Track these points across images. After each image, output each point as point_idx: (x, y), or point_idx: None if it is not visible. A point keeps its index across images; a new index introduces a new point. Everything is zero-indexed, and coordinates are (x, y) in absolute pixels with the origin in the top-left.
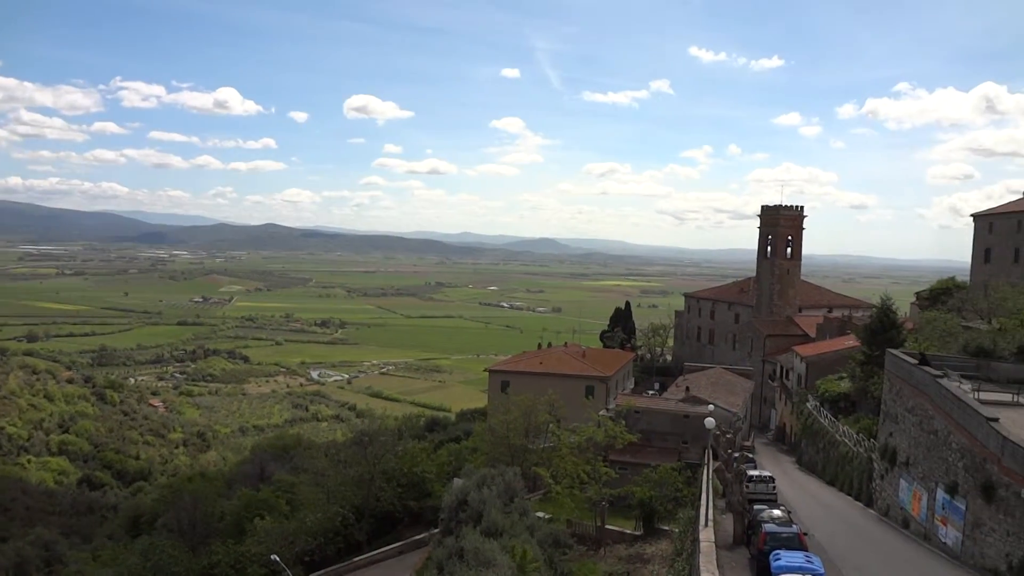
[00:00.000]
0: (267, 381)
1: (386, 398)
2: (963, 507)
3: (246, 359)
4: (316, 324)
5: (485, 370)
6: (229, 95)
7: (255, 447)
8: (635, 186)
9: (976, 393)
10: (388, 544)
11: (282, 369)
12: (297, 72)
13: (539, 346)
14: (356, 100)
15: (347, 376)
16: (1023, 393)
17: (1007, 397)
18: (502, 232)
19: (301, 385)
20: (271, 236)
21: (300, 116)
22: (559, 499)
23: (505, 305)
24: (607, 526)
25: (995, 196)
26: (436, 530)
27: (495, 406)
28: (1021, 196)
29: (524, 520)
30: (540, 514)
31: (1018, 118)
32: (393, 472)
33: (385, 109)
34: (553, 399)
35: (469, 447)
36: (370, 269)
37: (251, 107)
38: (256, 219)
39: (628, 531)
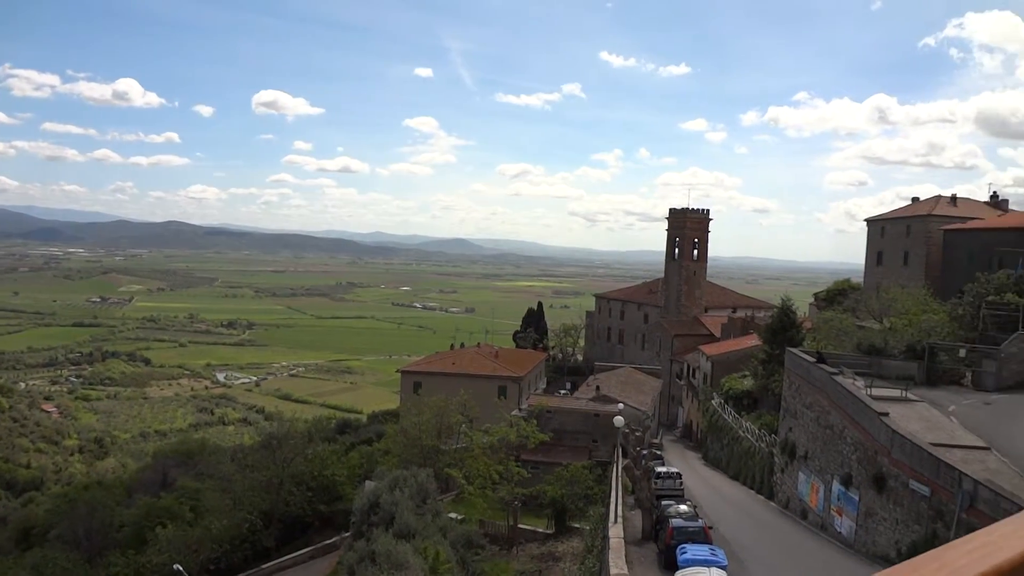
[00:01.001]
0: (170, 384)
1: (296, 400)
2: (857, 498)
3: (147, 361)
4: (222, 325)
5: (397, 371)
6: (129, 86)
7: (157, 453)
8: (547, 188)
9: (868, 389)
10: (298, 550)
11: (186, 372)
12: (202, 65)
13: (452, 346)
14: (265, 95)
15: (255, 378)
16: (911, 389)
17: (897, 393)
18: (415, 232)
19: (206, 388)
20: (174, 234)
21: (206, 110)
22: (472, 500)
23: (418, 306)
24: (520, 525)
25: (887, 202)
26: (347, 534)
27: (407, 407)
28: (910, 202)
29: (437, 521)
30: (453, 515)
31: (907, 128)
32: (303, 476)
33: (295, 105)
34: (465, 400)
35: (381, 449)
36: (279, 269)
37: (153, 99)
38: (158, 216)
39: (540, 530)
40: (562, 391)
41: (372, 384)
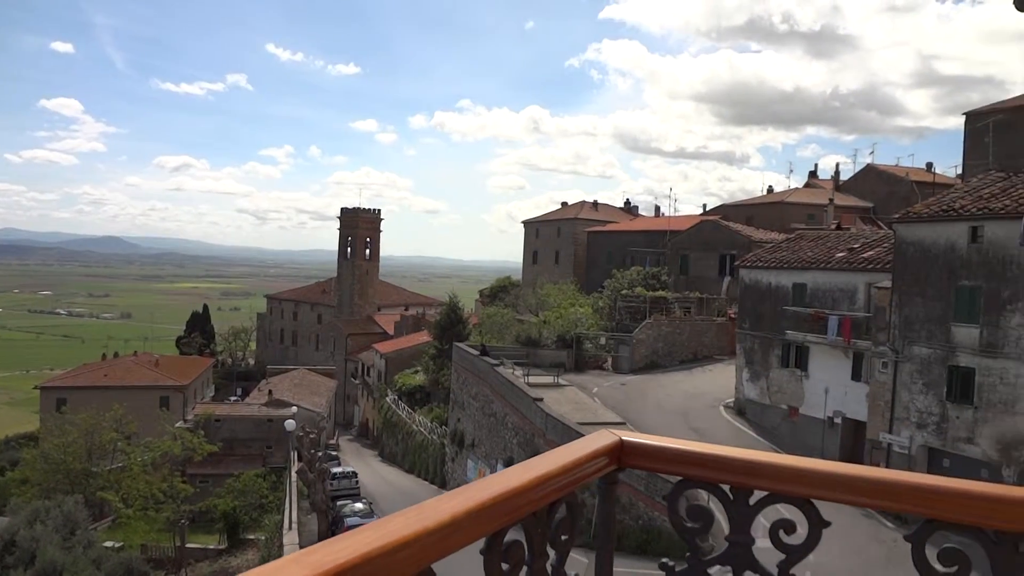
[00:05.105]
0: None
1: None
2: None
3: None
4: None
5: (36, 387)
6: None
7: None
8: (213, 183)
9: (526, 378)
10: None
11: None
12: None
13: (104, 356)
14: None
15: None
16: (562, 375)
17: (550, 379)
18: (56, 229)
19: None
20: None
21: None
22: (132, 523)
23: (62, 312)
24: (188, 545)
25: (542, 205)
26: None
27: (49, 428)
28: (560, 207)
29: (89, 553)
30: (109, 543)
31: (558, 139)
32: None
33: None
34: (121, 414)
35: (16, 479)
36: None
37: None
38: None
39: (212, 546)
40: (232, 398)
41: (5, 404)
